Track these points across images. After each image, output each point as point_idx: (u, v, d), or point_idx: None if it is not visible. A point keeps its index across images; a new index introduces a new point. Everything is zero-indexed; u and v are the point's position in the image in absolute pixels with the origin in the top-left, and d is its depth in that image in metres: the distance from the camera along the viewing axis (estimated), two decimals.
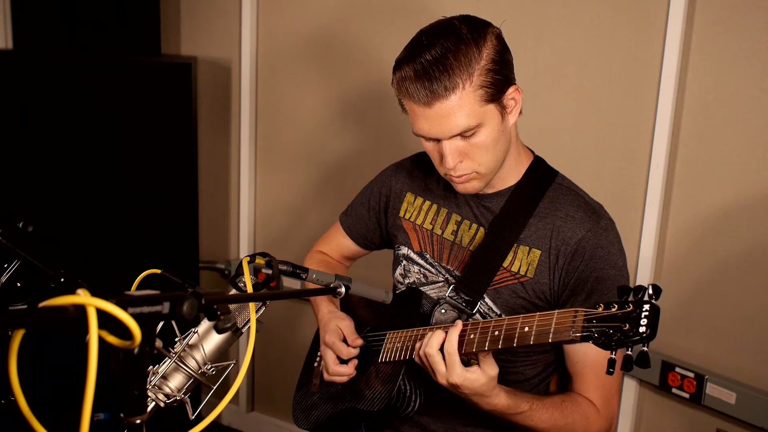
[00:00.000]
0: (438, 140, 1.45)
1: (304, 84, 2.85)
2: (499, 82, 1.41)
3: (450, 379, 1.35)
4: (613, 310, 1.16)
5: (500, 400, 1.39)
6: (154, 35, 2.86)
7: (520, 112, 1.50)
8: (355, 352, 1.63)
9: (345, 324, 1.66)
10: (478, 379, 1.34)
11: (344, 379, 1.64)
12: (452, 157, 1.45)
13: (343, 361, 1.65)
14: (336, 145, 2.83)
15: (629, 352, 1.14)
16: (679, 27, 2.05)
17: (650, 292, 1.14)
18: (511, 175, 1.57)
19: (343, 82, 2.75)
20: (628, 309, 1.14)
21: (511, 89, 1.45)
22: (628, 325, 1.13)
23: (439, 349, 1.37)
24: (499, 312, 1.53)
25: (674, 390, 2.15)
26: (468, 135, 1.42)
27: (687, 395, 2.13)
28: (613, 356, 1.15)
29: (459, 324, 1.36)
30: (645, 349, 1.12)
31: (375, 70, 2.65)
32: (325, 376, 1.67)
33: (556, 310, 1.23)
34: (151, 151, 2.85)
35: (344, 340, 1.65)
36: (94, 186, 2.80)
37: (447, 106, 1.39)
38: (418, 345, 1.42)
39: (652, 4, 2.10)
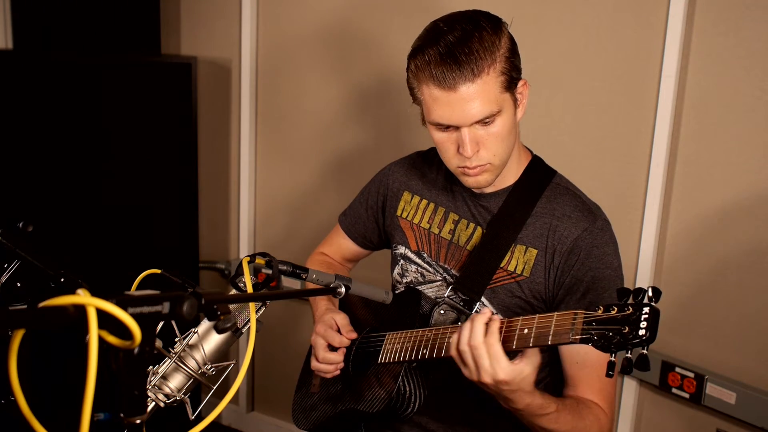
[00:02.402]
0: (455, 129, 1.43)
1: (304, 84, 2.85)
2: (515, 71, 1.43)
3: (497, 375, 1.26)
4: (613, 312, 1.15)
5: (535, 398, 1.33)
6: (154, 35, 2.86)
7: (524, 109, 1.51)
8: (346, 342, 1.61)
9: (340, 317, 1.65)
10: (524, 370, 1.26)
11: (331, 368, 1.62)
12: (472, 145, 1.43)
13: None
14: (336, 145, 2.83)
15: (629, 355, 1.13)
16: (679, 27, 2.05)
17: (650, 294, 1.14)
18: (511, 173, 1.57)
19: (344, 82, 2.75)
20: (628, 312, 1.14)
21: (521, 83, 1.47)
22: (627, 328, 1.12)
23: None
24: (495, 311, 1.53)
25: (674, 390, 2.16)
26: (487, 122, 1.42)
27: (687, 395, 2.13)
28: (612, 359, 1.15)
29: (497, 318, 1.29)
30: (645, 352, 1.12)
31: (375, 70, 2.65)
32: (313, 364, 1.65)
33: (556, 312, 1.23)
34: (151, 151, 2.85)
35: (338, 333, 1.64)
36: (94, 186, 2.80)
37: (472, 90, 1.38)
38: (454, 339, 1.32)
39: (652, 4, 2.10)
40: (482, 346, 1.26)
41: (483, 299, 1.54)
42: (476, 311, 1.54)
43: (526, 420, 1.38)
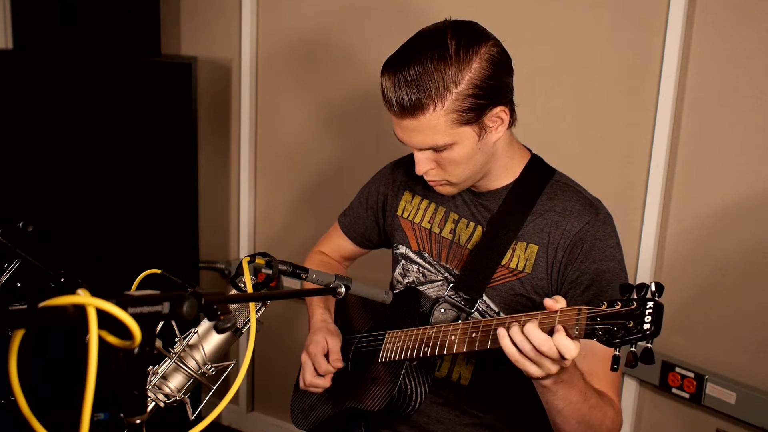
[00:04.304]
0: None
1: (304, 84, 2.85)
2: (480, 106, 1.39)
3: (572, 353, 1.19)
4: (617, 307, 1.16)
5: (576, 367, 1.31)
6: (154, 35, 2.86)
7: (513, 124, 1.49)
8: (332, 370, 1.62)
9: (333, 341, 1.66)
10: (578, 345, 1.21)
11: (319, 390, 1.64)
12: (421, 165, 1.46)
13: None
14: (335, 145, 2.83)
15: (633, 349, 1.14)
16: (679, 27, 2.05)
17: (653, 289, 1.14)
18: (506, 174, 1.57)
19: (343, 82, 2.75)
20: (632, 306, 1.15)
21: (497, 109, 1.42)
22: (632, 323, 1.13)
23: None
24: (497, 310, 1.53)
25: (674, 390, 2.16)
26: (439, 150, 1.43)
27: (687, 395, 2.13)
28: (617, 353, 1.15)
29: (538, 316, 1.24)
30: (649, 345, 1.12)
31: (375, 71, 2.63)
32: (301, 384, 1.67)
33: (560, 307, 1.23)
34: (151, 151, 2.85)
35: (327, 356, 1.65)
36: (94, 186, 2.80)
37: (415, 124, 1.40)
38: (504, 339, 1.25)
39: (652, 4, 2.10)
40: (554, 348, 1.20)
41: (484, 297, 1.54)
42: (476, 309, 1.54)
43: (565, 390, 1.31)
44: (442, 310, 1.56)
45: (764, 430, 2.00)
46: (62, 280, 1.25)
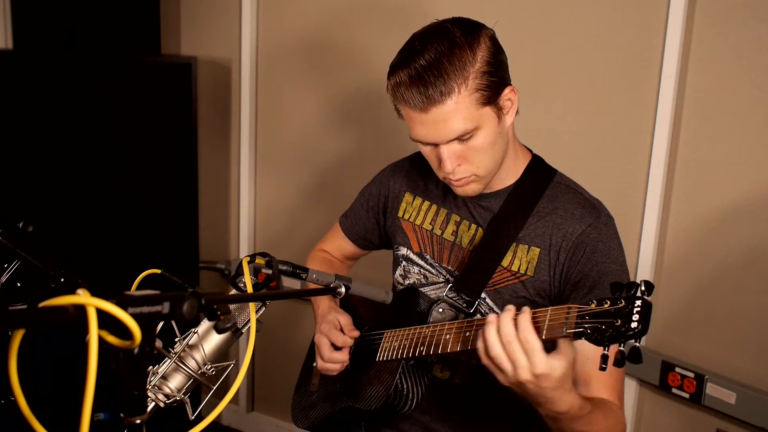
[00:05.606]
0: (436, 144, 1.45)
1: (304, 84, 2.85)
2: (495, 84, 1.41)
3: (535, 369, 1.18)
4: (606, 306, 1.16)
5: (576, 396, 1.27)
6: (154, 35, 2.86)
7: (517, 112, 1.50)
8: (350, 341, 1.61)
9: (344, 318, 1.65)
10: (562, 365, 1.19)
11: (337, 366, 1.62)
12: (450, 161, 1.45)
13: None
14: (336, 145, 2.83)
15: (622, 348, 1.14)
16: (679, 27, 2.05)
17: (642, 288, 1.14)
18: (510, 174, 1.57)
19: (343, 82, 2.76)
20: (620, 305, 1.15)
21: (506, 90, 1.44)
22: (620, 321, 1.13)
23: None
24: (499, 312, 1.53)
25: (674, 390, 2.16)
26: (466, 138, 1.42)
27: (687, 395, 2.13)
28: (605, 352, 1.15)
29: (527, 310, 1.22)
30: (637, 344, 1.12)
31: (375, 71, 2.65)
32: (319, 363, 1.65)
33: (550, 307, 1.23)
34: (151, 151, 2.85)
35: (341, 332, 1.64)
36: (94, 186, 2.80)
37: (443, 111, 1.39)
38: (481, 346, 1.25)
39: (652, 4, 2.11)
40: (515, 341, 1.20)
41: (487, 300, 1.54)
42: (479, 312, 1.54)
43: (566, 425, 1.31)
44: (441, 310, 1.56)
45: (764, 430, 2.00)
46: (62, 280, 1.25)
